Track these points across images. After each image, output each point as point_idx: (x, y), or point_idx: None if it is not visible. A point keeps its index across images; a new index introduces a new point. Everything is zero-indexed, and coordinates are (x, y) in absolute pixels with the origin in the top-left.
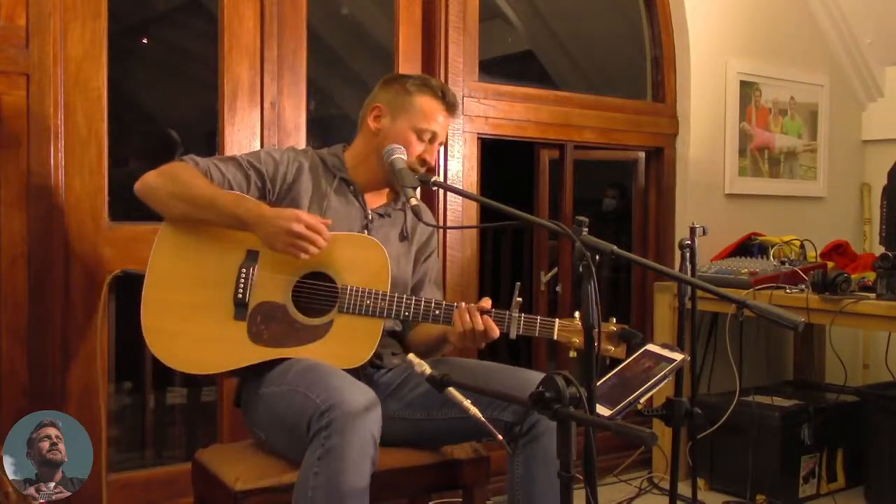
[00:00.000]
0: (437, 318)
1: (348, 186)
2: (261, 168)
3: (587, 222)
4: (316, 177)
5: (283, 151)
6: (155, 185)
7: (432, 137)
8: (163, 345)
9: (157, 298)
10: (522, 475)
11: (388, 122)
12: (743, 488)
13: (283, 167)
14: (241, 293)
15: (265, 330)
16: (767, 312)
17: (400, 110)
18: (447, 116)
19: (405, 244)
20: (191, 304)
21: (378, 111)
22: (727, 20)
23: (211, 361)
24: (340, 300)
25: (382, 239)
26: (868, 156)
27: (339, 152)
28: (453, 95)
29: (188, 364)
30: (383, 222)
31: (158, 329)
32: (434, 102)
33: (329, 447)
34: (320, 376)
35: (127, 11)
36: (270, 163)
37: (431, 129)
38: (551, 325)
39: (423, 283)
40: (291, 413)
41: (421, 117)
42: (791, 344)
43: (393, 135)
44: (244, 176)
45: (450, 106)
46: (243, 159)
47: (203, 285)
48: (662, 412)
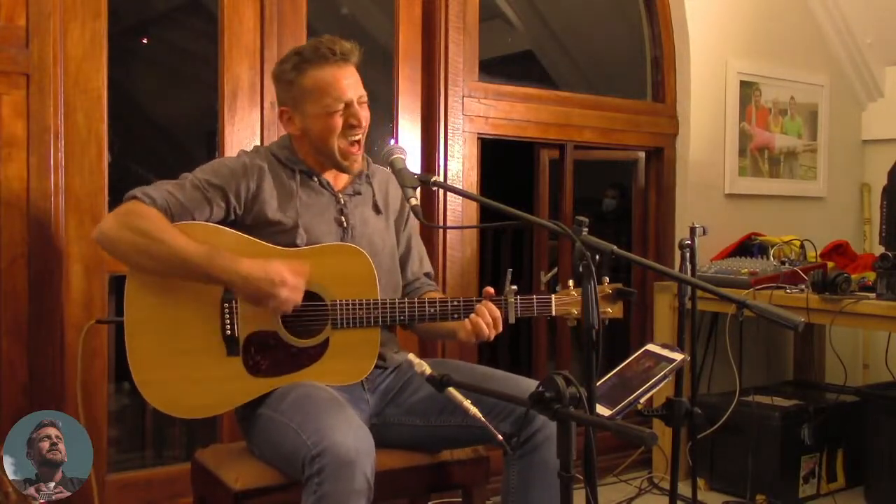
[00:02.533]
0: (434, 317)
1: (311, 177)
2: (220, 184)
3: (587, 222)
4: (277, 176)
5: (237, 159)
6: (115, 237)
7: (347, 105)
8: (160, 395)
9: (142, 349)
10: (517, 484)
11: (300, 119)
12: (743, 488)
13: (243, 178)
14: (230, 328)
15: (262, 360)
16: (767, 312)
17: (301, 102)
18: (346, 71)
19: (381, 217)
20: (178, 349)
21: (286, 114)
22: (727, 20)
23: (214, 403)
24: (332, 317)
25: (359, 220)
26: (868, 156)
27: (288, 144)
28: (338, 43)
29: (191, 410)
30: (356, 201)
31: (151, 381)
32: (323, 71)
33: (322, 494)
34: (313, 412)
35: (127, 11)
36: (229, 176)
37: (341, 100)
38: (548, 302)
39: (410, 255)
40: (285, 447)
41: (321, 96)
42: (791, 344)
43: (314, 129)
44: (204, 199)
45: (340, 59)
46: (199, 180)
47: (186, 327)
48: (662, 412)
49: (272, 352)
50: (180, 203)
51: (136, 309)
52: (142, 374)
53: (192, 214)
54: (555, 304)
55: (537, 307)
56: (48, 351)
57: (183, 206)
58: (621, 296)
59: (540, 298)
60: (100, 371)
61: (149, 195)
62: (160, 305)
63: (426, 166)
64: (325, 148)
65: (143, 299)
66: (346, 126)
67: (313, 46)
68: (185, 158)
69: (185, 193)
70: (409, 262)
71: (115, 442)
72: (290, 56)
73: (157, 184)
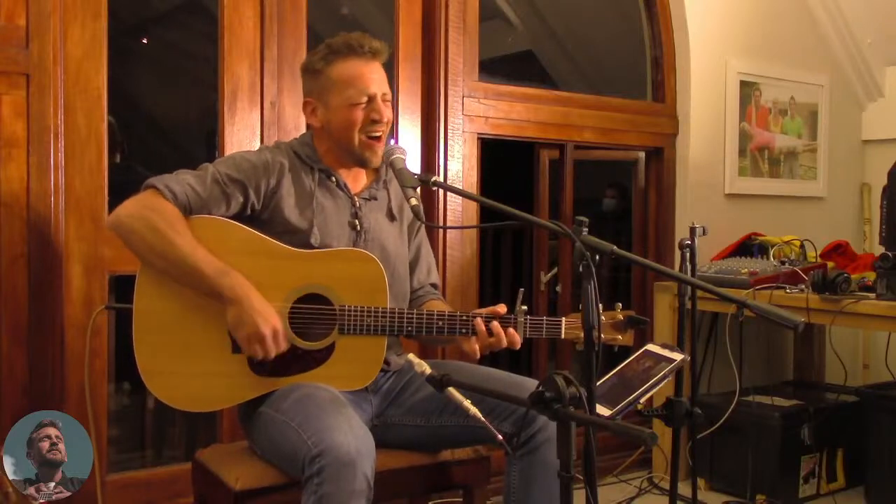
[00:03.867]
0: (441, 330)
1: (329, 178)
2: (241, 179)
3: (587, 222)
4: (297, 175)
5: (260, 154)
6: (130, 228)
7: (370, 98)
8: (163, 386)
9: (149, 341)
10: (518, 485)
11: (323, 111)
12: (743, 488)
13: (264, 174)
14: None
15: (266, 360)
16: (767, 312)
17: (326, 93)
18: (373, 66)
19: (396, 224)
20: (184, 342)
21: (310, 105)
22: (727, 20)
23: (216, 397)
24: (340, 322)
25: (373, 225)
26: (868, 156)
27: (309, 141)
28: (368, 39)
29: (192, 402)
30: (371, 206)
31: (156, 371)
32: (350, 64)
33: (322, 494)
34: (314, 412)
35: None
36: (250, 171)
37: (365, 93)
38: (558, 325)
39: (418, 263)
40: (286, 446)
41: (346, 87)
42: (791, 344)
43: (337, 121)
44: (223, 194)
45: (370, 54)
46: (221, 174)
47: (194, 320)
48: (662, 412)
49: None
50: (200, 197)
51: (146, 298)
52: (146, 363)
53: (210, 209)
54: (564, 327)
55: (547, 329)
56: (48, 351)
57: (202, 200)
58: (633, 324)
59: (550, 320)
60: (100, 371)
61: (170, 188)
62: (171, 297)
63: (426, 166)
64: (345, 141)
65: (155, 289)
66: (367, 120)
67: (344, 40)
68: (185, 158)
69: (205, 188)
70: (416, 270)
71: (115, 442)
72: (320, 48)
73: (178, 173)
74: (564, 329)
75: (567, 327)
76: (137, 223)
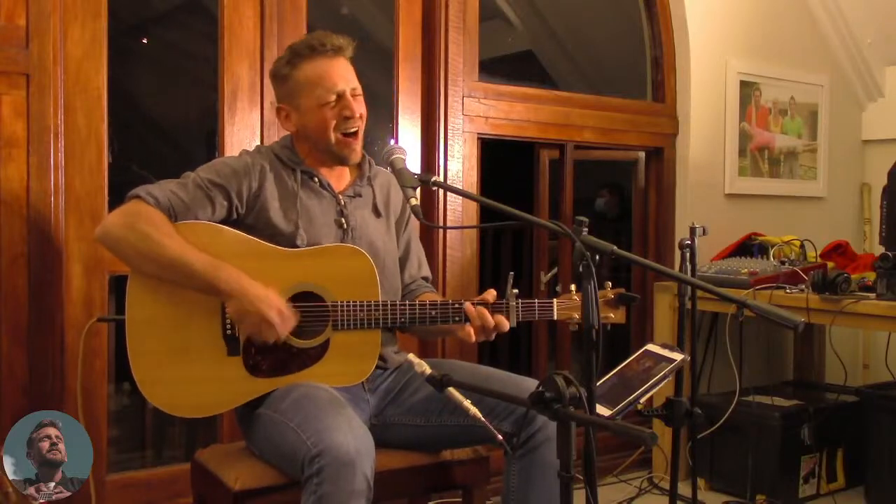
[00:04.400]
0: (435, 320)
1: (312, 178)
2: (223, 183)
3: (587, 222)
4: (279, 177)
5: (240, 158)
6: (118, 237)
7: (339, 96)
8: (160, 395)
9: (144, 351)
10: (518, 485)
11: (296, 115)
12: (743, 488)
13: (245, 177)
14: (230, 328)
15: (262, 361)
16: (767, 312)
17: (295, 97)
18: (337, 63)
19: (382, 220)
20: (179, 348)
21: (283, 111)
22: (727, 20)
23: (215, 402)
24: (333, 318)
25: (359, 222)
26: (868, 156)
27: (289, 143)
28: (329, 37)
29: (191, 409)
30: (356, 203)
31: (152, 380)
32: (314, 64)
33: (322, 494)
34: (313, 412)
35: (127, 11)
36: (231, 175)
37: (333, 91)
38: (550, 307)
39: (408, 258)
40: (285, 447)
41: (314, 88)
42: (791, 344)
43: (310, 123)
44: (207, 198)
45: (332, 51)
46: (202, 179)
47: (187, 326)
48: (662, 412)
49: (272, 352)
50: (183, 202)
51: (138, 308)
52: (143, 373)
53: (195, 213)
54: (556, 308)
55: (539, 311)
56: (48, 351)
57: (186, 205)
58: (623, 301)
59: (542, 303)
60: (100, 371)
61: (152, 195)
62: (162, 304)
63: (426, 166)
64: (322, 142)
65: (145, 298)
66: (340, 118)
67: (306, 41)
68: (185, 158)
69: (187, 193)
70: (407, 264)
71: (115, 442)
72: (284, 53)
73: (160, 183)
74: (556, 310)
75: (559, 308)
76: (124, 231)
